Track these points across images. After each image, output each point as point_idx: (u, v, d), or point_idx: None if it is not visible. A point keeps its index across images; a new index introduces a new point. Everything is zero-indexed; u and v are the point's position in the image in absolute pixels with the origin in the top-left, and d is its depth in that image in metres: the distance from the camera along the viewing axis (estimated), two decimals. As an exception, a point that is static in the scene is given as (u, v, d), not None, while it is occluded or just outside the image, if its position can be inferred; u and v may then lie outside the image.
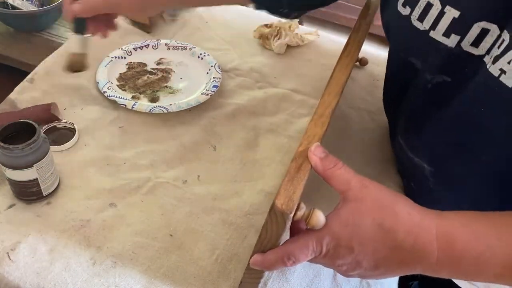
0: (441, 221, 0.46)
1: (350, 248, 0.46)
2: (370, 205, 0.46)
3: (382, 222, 0.45)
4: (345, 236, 0.46)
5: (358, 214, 0.46)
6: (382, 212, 0.46)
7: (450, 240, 0.45)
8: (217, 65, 0.93)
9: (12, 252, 0.61)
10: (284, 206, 0.45)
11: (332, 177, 0.48)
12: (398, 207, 0.47)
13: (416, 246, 0.45)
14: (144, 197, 0.70)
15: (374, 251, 0.46)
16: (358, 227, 0.46)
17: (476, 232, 0.45)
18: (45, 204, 0.67)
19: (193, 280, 0.61)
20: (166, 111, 0.82)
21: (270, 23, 1.05)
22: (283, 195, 0.45)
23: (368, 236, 0.46)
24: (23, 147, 0.61)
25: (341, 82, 0.61)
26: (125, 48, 0.95)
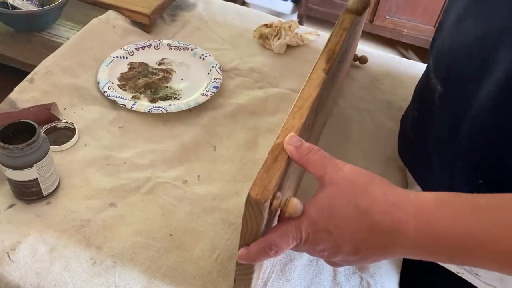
0: (418, 201, 0.46)
1: (328, 231, 0.46)
2: (345, 187, 0.46)
3: (358, 203, 0.45)
4: (322, 219, 0.46)
5: (333, 197, 0.46)
6: (357, 193, 0.46)
7: (427, 220, 0.44)
8: (218, 65, 0.93)
9: (12, 252, 0.61)
10: (259, 196, 0.45)
11: (308, 163, 0.48)
12: (374, 187, 0.46)
13: (393, 226, 0.45)
14: (144, 197, 0.70)
15: (352, 233, 0.46)
16: (334, 209, 0.46)
17: (455, 213, 0.44)
18: (45, 204, 0.67)
19: (193, 280, 0.61)
20: (165, 111, 0.82)
21: (270, 23, 1.05)
22: (258, 185, 0.46)
23: (345, 218, 0.46)
24: (23, 147, 0.61)
25: (321, 76, 0.62)
26: (127, 48, 0.95)
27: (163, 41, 0.98)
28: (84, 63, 0.90)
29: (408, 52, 2.56)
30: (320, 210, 0.47)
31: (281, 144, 0.50)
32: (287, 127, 0.53)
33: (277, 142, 0.51)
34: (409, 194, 0.46)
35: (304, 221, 0.47)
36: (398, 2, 2.31)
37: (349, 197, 0.46)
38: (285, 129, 0.52)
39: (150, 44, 0.97)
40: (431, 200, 0.46)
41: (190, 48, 0.98)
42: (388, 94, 0.96)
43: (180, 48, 0.98)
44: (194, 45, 0.98)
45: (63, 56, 0.88)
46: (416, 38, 2.39)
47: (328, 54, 0.66)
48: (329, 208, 0.46)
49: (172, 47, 0.98)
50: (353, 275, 0.65)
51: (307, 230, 0.47)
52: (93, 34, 0.95)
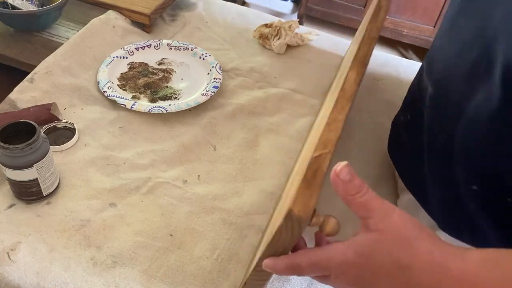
0: (464, 262, 0.42)
1: (360, 278, 0.43)
2: (389, 237, 0.43)
3: (400, 257, 0.42)
4: (356, 266, 0.43)
5: (375, 246, 0.43)
6: (401, 246, 0.42)
7: (471, 284, 0.40)
8: (218, 65, 0.93)
9: (12, 252, 0.61)
10: (301, 212, 0.43)
11: (353, 204, 0.45)
12: (420, 243, 0.42)
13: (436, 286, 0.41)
14: (144, 197, 0.70)
15: (385, 285, 0.43)
16: (372, 259, 0.43)
17: (502, 275, 0.40)
18: (45, 204, 0.67)
19: (193, 280, 0.61)
20: (165, 111, 0.82)
21: (270, 23, 1.05)
22: (299, 201, 0.44)
23: (382, 271, 0.42)
24: (23, 147, 0.61)
25: (354, 87, 0.61)
26: (127, 48, 0.95)
27: (163, 41, 0.98)
28: (84, 63, 0.90)
29: (408, 52, 2.56)
30: (358, 255, 0.43)
31: (319, 159, 0.49)
32: (324, 140, 0.52)
33: (315, 156, 0.49)
34: (456, 254, 0.42)
35: (338, 259, 0.44)
36: (398, 2, 2.31)
37: (392, 249, 0.42)
38: (322, 142, 0.51)
39: (150, 44, 0.97)
40: (477, 261, 0.42)
41: (190, 48, 0.98)
42: (388, 94, 0.96)
43: (180, 48, 0.98)
44: (194, 45, 0.98)
45: (63, 56, 0.88)
46: (416, 38, 2.39)
47: (359, 65, 0.65)
48: (367, 256, 0.43)
49: (172, 47, 0.98)
50: (353, 275, 0.65)
51: (336, 269, 0.44)
52: (93, 34, 0.95)
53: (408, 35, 2.39)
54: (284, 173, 0.77)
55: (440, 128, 0.60)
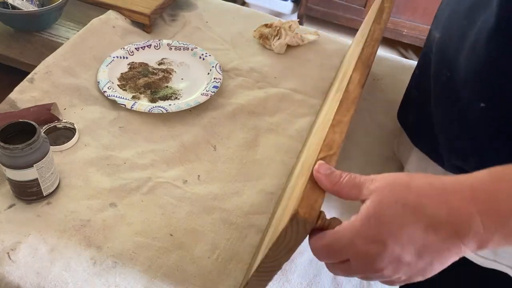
0: (471, 180, 0.41)
1: (381, 242, 0.41)
2: (386, 191, 0.42)
3: (405, 202, 0.41)
4: (370, 230, 0.41)
5: (377, 204, 0.42)
6: (401, 192, 0.42)
7: (487, 198, 0.39)
8: (218, 65, 0.93)
9: (13, 252, 0.61)
10: (307, 214, 0.43)
11: (341, 189, 0.45)
12: (416, 182, 0.42)
13: (452, 216, 0.40)
14: (144, 197, 0.70)
15: (408, 237, 0.40)
16: (382, 215, 0.41)
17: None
18: (45, 204, 0.67)
19: (193, 280, 0.61)
20: (165, 111, 0.82)
21: (270, 23, 1.05)
22: (305, 203, 0.44)
23: (396, 221, 0.41)
24: (23, 147, 0.61)
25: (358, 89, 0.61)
26: (127, 48, 0.95)
27: (163, 41, 0.98)
28: (84, 63, 0.90)
29: (408, 52, 2.56)
30: (366, 221, 0.42)
31: (325, 160, 0.48)
32: (328, 142, 0.52)
33: (321, 157, 0.49)
34: (458, 177, 0.42)
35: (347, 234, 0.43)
36: (398, 2, 2.31)
37: (394, 198, 0.41)
38: (326, 144, 0.51)
39: (150, 44, 0.97)
40: (483, 176, 0.41)
41: (190, 48, 0.98)
42: (388, 94, 0.96)
43: (180, 48, 0.98)
44: (194, 45, 0.98)
45: (63, 56, 0.88)
46: (416, 38, 2.39)
47: (363, 67, 0.65)
48: (375, 216, 0.41)
49: (172, 47, 0.98)
50: (353, 275, 0.65)
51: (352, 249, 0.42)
52: (93, 34, 0.95)
53: (408, 35, 2.39)
54: (284, 173, 0.77)
55: (445, 62, 0.61)
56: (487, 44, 0.54)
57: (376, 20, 0.75)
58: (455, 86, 0.59)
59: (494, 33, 0.53)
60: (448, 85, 0.61)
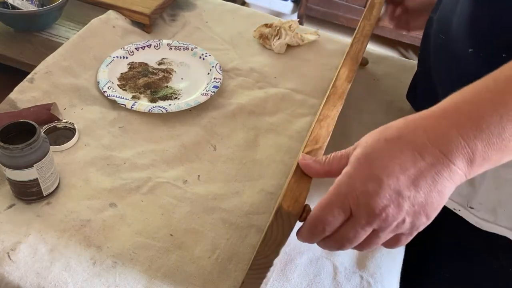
0: (441, 103, 0.43)
1: (377, 177, 0.42)
2: (368, 138, 0.45)
3: (386, 137, 0.43)
4: (364, 169, 0.43)
5: (363, 147, 0.44)
6: (380, 131, 0.44)
7: (458, 109, 0.42)
8: (218, 65, 0.93)
9: (12, 252, 0.61)
10: (291, 208, 0.44)
11: (330, 166, 0.46)
12: (393, 123, 0.45)
13: (431, 137, 0.41)
14: (144, 197, 0.70)
15: (400, 167, 0.42)
16: (370, 154, 0.43)
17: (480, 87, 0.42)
18: (45, 204, 0.67)
19: (193, 280, 0.61)
20: (165, 111, 0.82)
21: (270, 23, 1.05)
22: (289, 197, 0.45)
23: (384, 155, 0.42)
24: (23, 147, 0.61)
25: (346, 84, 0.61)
26: (127, 48, 0.95)
27: (163, 41, 0.98)
28: (84, 63, 0.90)
29: (408, 52, 2.56)
30: (357, 164, 0.43)
31: (310, 154, 0.49)
32: (314, 136, 0.52)
33: (306, 151, 0.50)
34: (430, 108, 0.44)
35: (343, 181, 0.43)
36: (398, 2, 2.30)
37: (376, 137, 0.44)
38: (312, 138, 0.52)
39: (150, 44, 0.97)
40: (452, 96, 0.43)
41: (190, 48, 0.98)
42: (388, 94, 0.96)
43: (180, 48, 0.98)
44: (194, 45, 0.98)
45: (63, 56, 0.88)
46: (416, 38, 2.39)
47: (351, 62, 0.65)
48: (364, 156, 0.43)
49: (172, 47, 0.98)
50: (353, 275, 0.65)
51: (351, 189, 0.43)
52: (93, 34, 0.95)
53: (408, 35, 2.39)
54: (284, 173, 0.77)
55: (442, 29, 0.65)
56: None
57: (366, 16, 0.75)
58: (448, 43, 0.63)
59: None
60: (443, 45, 0.65)
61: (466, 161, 0.41)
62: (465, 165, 0.41)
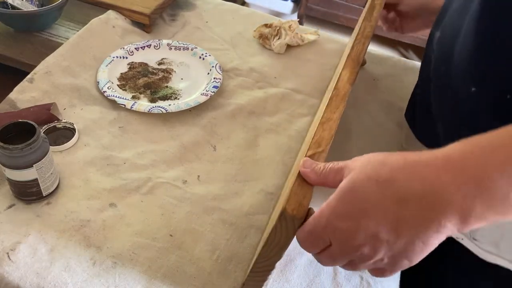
0: (444, 150, 0.40)
1: (356, 217, 0.40)
2: (362, 168, 0.42)
3: (378, 177, 0.40)
4: (344, 206, 0.41)
5: (352, 180, 0.42)
6: (375, 167, 0.41)
7: (463, 164, 0.38)
8: (218, 65, 0.93)
9: (12, 252, 0.61)
10: (295, 211, 0.43)
11: (326, 177, 0.45)
12: (391, 157, 0.42)
13: (425, 187, 0.38)
14: (144, 197, 0.70)
15: (382, 213, 0.40)
16: (356, 191, 0.41)
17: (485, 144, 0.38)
18: (45, 204, 0.67)
19: (193, 280, 0.61)
20: (165, 111, 0.82)
21: (270, 23, 1.05)
22: (293, 200, 0.44)
23: (369, 198, 0.40)
24: (23, 147, 0.61)
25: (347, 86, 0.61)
26: (127, 48, 0.95)
27: (163, 41, 0.98)
28: (84, 63, 0.90)
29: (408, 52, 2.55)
30: (341, 198, 0.42)
31: (313, 158, 0.49)
32: (317, 139, 0.52)
33: (309, 155, 0.50)
34: (432, 150, 0.41)
35: (325, 213, 0.42)
36: (398, 2, 2.30)
37: (368, 175, 0.41)
38: (315, 141, 0.51)
39: (150, 44, 0.97)
40: (456, 145, 0.40)
41: (190, 48, 0.98)
42: (388, 94, 0.96)
43: (180, 48, 0.98)
44: (194, 45, 0.98)
45: (63, 56, 0.88)
46: (416, 38, 2.38)
47: (352, 64, 0.65)
48: (349, 192, 0.41)
49: (172, 47, 0.98)
50: (353, 275, 0.65)
51: (330, 224, 0.42)
52: (93, 34, 0.95)
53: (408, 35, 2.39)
54: (284, 173, 0.77)
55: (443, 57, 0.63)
56: (474, 32, 0.56)
57: (367, 18, 0.75)
58: (450, 76, 0.61)
59: (479, 22, 0.55)
60: (444, 77, 0.63)
61: (460, 218, 0.38)
62: (458, 222, 0.39)
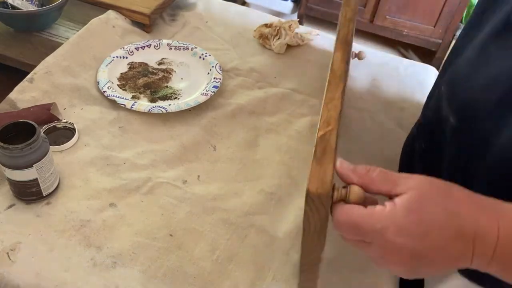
0: (504, 205, 0.42)
1: (412, 237, 0.41)
2: (427, 189, 0.43)
3: (446, 206, 0.41)
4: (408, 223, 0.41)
5: (419, 200, 0.42)
6: (443, 195, 0.42)
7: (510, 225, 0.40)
8: (218, 65, 0.93)
9: (12, 252, 0.61)
10: (320, 189, 0.42)
11: (371, 181, 0.45)
12: (456, 190, 0.43)
13: (477, 232, 0.41)
14: (144, 197, 0.70)
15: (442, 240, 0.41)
16: (423, 213, 0.41)
17: None
18: (45, 204, 0.67)
19: (193, 280, 0.61)
20: (165, 111, 0.82)
21: (270, 23, 1.05)
22: (315, 179, 0.43)
23: (435, 224, 0.41)
24: (23, 147, 0.61)
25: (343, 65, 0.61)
26: (127, 48, 0.95)
27: (163, 41, 0.98)
28: (84, 63, 0.90)
29: (408, 52, 2.56)
30: (406, 213, 0.42)
31: (325, 136, 0.48)
32: (325, 119, 0.51)
33: (320, 135, 0.48)
34: (495, 200, 0.43)
35: (382, 217, 0.42)
36: (398, 2, 2.31)
37: (435, 201, 0.42)
38: (324, 121, 0.50)
39: (150, 44, 0.97)
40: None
41: (190, 48, 0.97)
42: (388, 94, 0.96)
43: (180, 48, 0.98)
44: (194, 45, 0.98)
45: (63, 56, 0.88)
46: (416, 38, 2.39)
47: (342, 45, 0.65)
48: (417, 211, 0.42)
49: (172, 47, 0.98)
50: (353, 275, 0.65)
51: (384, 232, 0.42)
52: (93, 34, 0.95)
53: (408, 35, 2.39)
54: (284, 173, 0.77)
55: (462, 165, 0.58)
56: None
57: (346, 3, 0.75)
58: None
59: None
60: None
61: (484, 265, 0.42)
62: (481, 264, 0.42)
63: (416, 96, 0.96)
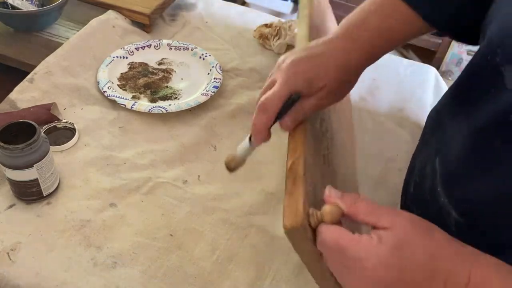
0: (478, 261, 0.43)
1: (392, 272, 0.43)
2: (409, 229, 0.44)
3: (424, 247, 0.43)
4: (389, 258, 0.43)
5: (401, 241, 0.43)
6: (424, 237, 0.44)
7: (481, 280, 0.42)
8: (218, 65, 0.93)
9: (12, 252, 0.61)
10: (294, 222, 0.43)
11: (358, 212, 0.45)
12: (437, 233, 0.44)
13: (449, 277, 0.42)
14: (144, 197, 0.70)
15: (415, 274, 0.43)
16: (404, 253, 0.43)
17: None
18: (45, 204, 0.67)
19: (193, 280, 0.61)
20: (165, 111, 0.82)
21: (270, 23, 1.05)
22: (288, 213, 0.44)
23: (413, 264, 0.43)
24: (23, 147, 0.61)
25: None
26: (127, 48, 0.95)
27: (163, 41, 0.98)
28: (84, 63, 0.90)
29: (408, 52, 2.56)
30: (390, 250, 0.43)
31: (292, 167, 0.49)
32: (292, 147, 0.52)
33: (289, 166, 0.49)
34: (468, 247, 0.44)
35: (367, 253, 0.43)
36: (398, 2, 2.30)
37: (418, 241, 0.43)
38: (291, 149, 0.51)
39: (150, 44, 0.97)
40: (489, 266, 0.43)
41: (190, 48, 0.97)
42: (388, 94, 0.96)
43: (180, 48, 0.98)
44: (194, 45, 0.98)
45: (63, 56, 0.88)
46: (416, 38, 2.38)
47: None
48: (398, 250, 0.43)
49: (172, 47, 0.98)
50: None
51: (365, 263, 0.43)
52: (93, 34, 0.95)
53: (408, 35, 2.38)
54: (284, 173, 0.76)
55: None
56: None
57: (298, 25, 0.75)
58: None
59: None
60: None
61: None
62: None
63: (416, 96, 0.96)
